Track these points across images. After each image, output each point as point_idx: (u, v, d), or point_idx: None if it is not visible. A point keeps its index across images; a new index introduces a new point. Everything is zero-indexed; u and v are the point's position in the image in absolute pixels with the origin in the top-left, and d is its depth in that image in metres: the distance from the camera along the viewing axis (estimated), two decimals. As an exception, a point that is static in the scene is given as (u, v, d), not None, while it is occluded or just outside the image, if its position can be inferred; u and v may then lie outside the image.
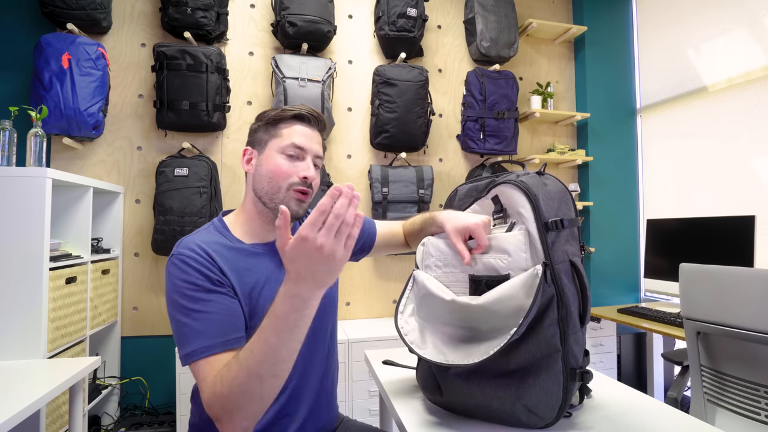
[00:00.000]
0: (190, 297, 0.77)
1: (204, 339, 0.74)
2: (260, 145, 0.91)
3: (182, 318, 0.76)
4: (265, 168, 0.88)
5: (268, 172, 0.88)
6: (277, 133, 0.90)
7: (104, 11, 2.14)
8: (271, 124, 0.90)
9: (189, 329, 0.75)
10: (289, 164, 0.88)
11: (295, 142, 0.88)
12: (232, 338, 0.77)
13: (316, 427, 0.93)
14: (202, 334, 0.74)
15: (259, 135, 0.92)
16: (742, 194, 2.30)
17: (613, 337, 2.66)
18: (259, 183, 0.88)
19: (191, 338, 0.75)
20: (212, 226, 0.91)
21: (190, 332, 0.75)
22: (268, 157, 0.89)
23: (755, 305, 1.17)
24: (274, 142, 0.89)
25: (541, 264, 0.72)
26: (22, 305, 1.48)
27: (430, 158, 2.72)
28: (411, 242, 1.13)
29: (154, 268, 2.28)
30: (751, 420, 1.23)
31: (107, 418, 2.14)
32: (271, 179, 0.87)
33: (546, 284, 0.71)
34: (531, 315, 0.70)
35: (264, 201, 0.88)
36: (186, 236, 0.86)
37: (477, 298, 0.77)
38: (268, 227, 0.92)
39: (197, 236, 0.86)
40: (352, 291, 2.58)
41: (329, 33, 2.38)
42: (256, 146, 0.92)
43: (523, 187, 0.78)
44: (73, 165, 2.19)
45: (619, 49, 3.04)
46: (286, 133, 0.89)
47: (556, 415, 0.74)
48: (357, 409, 2.11)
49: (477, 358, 0.72)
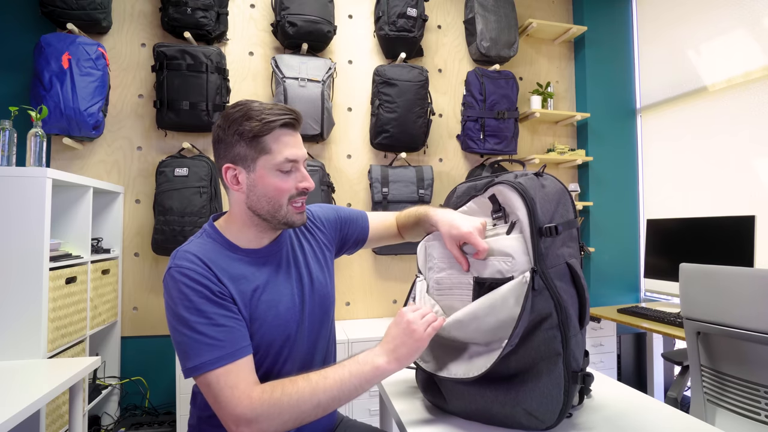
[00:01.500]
0: (193, 310, 0.76)
1: (214, 350, 0.74)
2: (245, 162, 0.83)
3: (186, 331, 0.75)
4: (261, 189, 0.84)
5: (266, 194, 0.84)
6: (264, 149, 0.82)
7: (104, 11, 2.14)
8: (254, 138, 0.82)
9: (195, 342, 0.75)
10: (286, 180, 0.85)
11: (288, 157, 0.83)
12: (242, 347, 0.77)
13: (315, 426, 0.93)
14: (211, 346, 0.74)
15: (239, 150, 0.83)
16: (742, 194, 2.30)
17: (613, 337, 2.66)
18: (257, 203, 0.85)
19: (199, 350, 0.74)
20: (205, 233, 0.88)
21: (196, 345, 0.74)
22: (262, 177, 0.83)
23: (755, 305, 1.17)
24: (265, 159, 0.83)
25: (530, 271, 0.72)
26: (22, 305, 1.48)
27: (430, 158, 2.72)
28: (405, 234, 1.12)
29: (154, 268, 2.28)
30: (751, 420, 1.23)
31: (107, 418, 2.14)
32: (270, 199, 0.84)
33: (534, 291, 0.71)
34: (522, 324, 0.70)
35: (265, 218, 0.86)
36: (181, 247, 0.84)
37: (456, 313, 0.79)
38: (264, 234, 0.90)
39: (192, 246, 0.83)
40: (352, 291, 2.57)
41: (329, 33, 2.38)
42: (239, 163, 0.84)
43: (520, 189, 0.77)
44: (73, 165, 2.19)
45: (619, 49, 3.04)
46: (275, 148, 0.83)
47: (557, 417, 0.74)
48: (357, 409, 2.11)
49: (476, 372, 0.74)
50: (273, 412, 0.72)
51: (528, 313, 0.70)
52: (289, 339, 0.88)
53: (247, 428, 0.71)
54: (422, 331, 0.78)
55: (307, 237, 1.00)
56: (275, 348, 0.86)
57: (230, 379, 0.73)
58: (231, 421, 0.72)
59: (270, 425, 0.72)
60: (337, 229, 1.07)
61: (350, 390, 0.75)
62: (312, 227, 1.03)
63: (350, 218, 1.10)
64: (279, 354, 0.86)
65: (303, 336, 0.90)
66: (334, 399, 0.74)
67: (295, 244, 0.97)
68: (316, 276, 0.96)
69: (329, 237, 1.05)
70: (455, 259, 0.85)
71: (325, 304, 0.96)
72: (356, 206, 2.59)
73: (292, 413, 0.72)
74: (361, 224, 1.11)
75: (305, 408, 0.73)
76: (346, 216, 1.09)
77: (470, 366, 0.76)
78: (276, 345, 0.86)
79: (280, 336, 0.86)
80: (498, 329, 0.73)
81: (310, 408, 0.73)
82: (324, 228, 1.05)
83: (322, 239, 1.03)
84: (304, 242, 0.99)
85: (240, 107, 0.84)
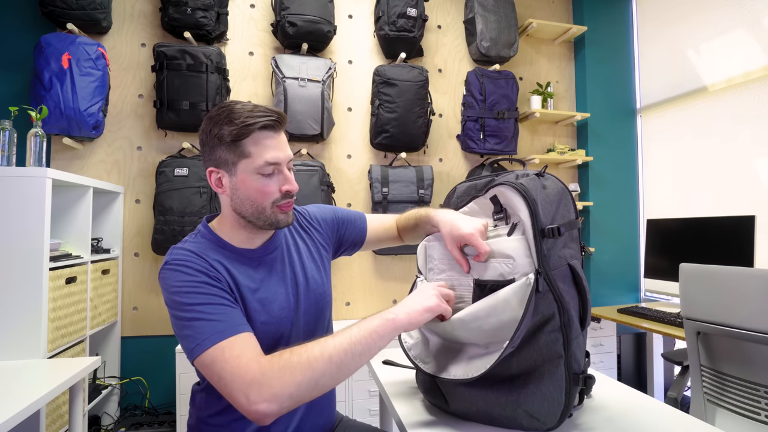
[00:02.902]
0: (191, 294, 0.76)
1: (216, 325, 0.73)
2: (226, 166, 0.83)
3: (186, 314, 0.74)
4: (243, 192, 0.84)
5: (248, 197, 0.84)
6: (243, 153, 0.81)
7: (104, 11, 2.14)
8: (233, 143, 0.81)
9: (196, 321, 0.73)
10: (268, 183, 0.84)
11: (269, 160, 0.82)
12: (242, 324, 0.76)
13: (314, 426, 0.93)
14: (212, 322, 0.73)
15: (220, 154, 0.83)
16: (742, 194, 2.30)
17: (613, 337, 2.66)
18: (241, 206, 0.85)
19: (200, 328, 0.73)
20: (199, 234, 0.89)
21: (197, 324, 0.73)
22: (244, 181, 0.83)
23: (755, 305, 1.17)
24: (245, 163, 0.82)
25: (533, 272, 0.72)
26: (22, 305, 1.48)
27: (430, 158, 2.72)
28: (404, 237, 1.12)
29: (154, 268, 2.28)
30: (751, 420, 1.23)
31: (107, 418, 2.14)
32: (253, 202, 0.84)
33: (538, 293, 0.71)
34: (524, 326, 0.70)
35: (250, 220, 0.86)
36: (175, 246, 0.85)
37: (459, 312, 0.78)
38: (256, 234, 0.90)
39: (187, 245, 0.84)
40: (352, 291, 2.57)
41: (329, 33, 2.37)
42: (221, 167, 0.84)
43: (521, 190, 0.76)
44: (73, 165, 2.19)
45: (619, 49, 3.04)
46: (255, 152, 0.81)
47: (558, 419, 0.73)
48: (357, 409, 2.11)
49: (474, 373, 0.73)
50: (285, 373, 0.68)
51: (531, 315, 0.70)
52: (283, 338, 0.88)
53: (259, 394, 0.66)
54: (436, 294, 0.79)
55: (303, 237, 1.01)
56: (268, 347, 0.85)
57: (235, 349, 0.71)
58: (240, 391, 0.67)
59: (283, 387, 0.67)
60: (334, 230, 1.07)
61: (362, 344, 0.72)
62: (308, 227, 1.03)
63: (348, 219, 1.10)
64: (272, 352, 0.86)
65: (298, 335, 0.90)
66: (346, 353, 0.71)
67: (291, 243, 0.97)
68: (311, 275, 0.96)
69: (326, 237, 1.05)
70: (456, 260, 0.84)
71: (321, 304, 0.96)
72: (356, 206, 2.59)
73: (305, 373, 0.68)
74: (359, 226, 1.11)
75: (318, 366, 0.69)
76: (343, 217, 1.09)
77: (469, 367, 0.76)
78: (269, 344, 0.85)
79: (273, 335, 0.86)
80: (500, 330, 0.73)
81: (322, 365, 0.69)
82: (321, 228, 1.05)
83: (318, 239, 1.03)
84: (299, 242, 0.99)
85: (222, 110, 0.83)
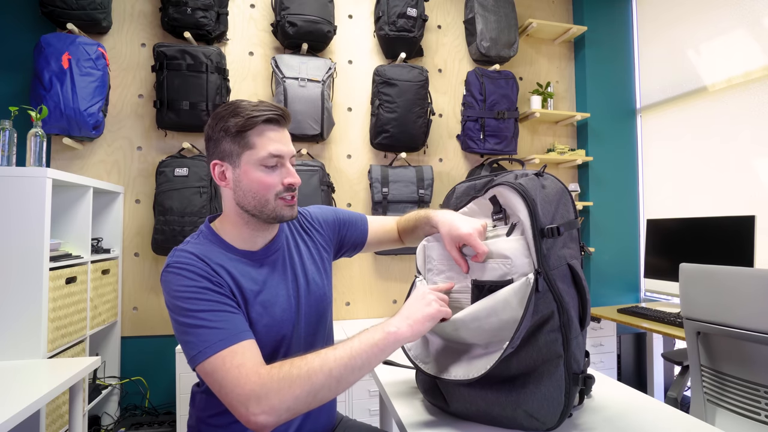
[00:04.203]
0: (193, 299, 0.76)
1: (218, 333, 0.73)
2: (231, 158, 0.85)
3: (188, 320, 0.75)
4: (246, 184, 0.84)
5: (251, 189, 0.84)
6: (248, 144, 0.83)
7: (104, 11, 2.14)
8: (238, 134, 0.83)
9: (198, 329, 0.74)
10: (271, 175, 0.85)
11: (272, 152, 0.83)
12: (244, 331, 0.76)
13: (314, 426, 0.93)
14: (214, 330, 0.73)
15: (225, 146, 0.84)
16: (742, 194, 2.30)
17: (613, 337, 2.66)
18: (244, 199, 0.85)
19: (202, 336, 0.73)
20: (201, 234, 0.89)
21: (199, 331, 0.73)
22: (246, 172, 0.84)
23: (755, 305, 1.17)
24: (248, 155, 0.83)
25: (533, 272, 0.72)
26: (22, 305, 1.48)
27: (430, 158, 2.72)
28: (405, 239, 1.12)
29: (154, 268, 2.28)
30: (751, 420, 1.23)
31: (107, 418, 2.14)
32: (255, 194, 0.84)
33: (538, 293, 0.71)
34: (524, 327, 0.70)
35: (253, 213, 0.86)
36: (177, 247, 0.84)
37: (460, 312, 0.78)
38: (258, 234, 0.90)
39: (189, 246, 0.84)
40: (352, 291, 2.57)
41: (329, 33, 2.37)
42: (225, 159, 0.85)
43: (521, 191, 0.76)
44: (73, 165, 2.19)
45: (619, 49, 3.04)
46: (259, 143, 0.83)
47: (558, 419, 0.73)
48: (357, 409, 2.11)
49: (475, 374, 0.73)
50: (284, 386, 0.68)
51: (531, 315, 0.70)
52: (285, 340, 0.88)
53: (258, 406, 0.67)
54: (435, 299, 0.78)
55: (303, 238, 1.01)
56: (270, 349, 0.86)
57: (236, 359, 0.71)
58: (240, 402, 0.68)
59: (282, 401, 0.67)
60: (335, 231, 1.07)
61: (362, 357, 0.71)
62: (309, 228, 1.03)
63: (349, 221, 1.10)
64: (274, 355, 0.86)
65: (299, 337, 0.90)
66: (346, 367, 0.70)
67: (292, 245, 0.97)
68: (312, 277, 0.96)
69: (327, 238, 1.05)
70: (454, 261, 0.84)
71: (322, 305, 0.96)
72: (356, 206, 2.59)
73: (304, 386, 0.68)
74: (360, 227, 1.11)
75: (317, 380, 0.69)
76: (345, 218, 1.09)
77: (470, 368, 0.76)
78: (271, 346, 0.86)
79: (275, 337, 0.86)
80: (499, 330, 0.73)
81: (322, 379, 0.69)
82: (322, 229, 1.05)
83: (319, 240, 1.03)
84: (300, 243, 0.99)
85: (228, 105, 0.85)
